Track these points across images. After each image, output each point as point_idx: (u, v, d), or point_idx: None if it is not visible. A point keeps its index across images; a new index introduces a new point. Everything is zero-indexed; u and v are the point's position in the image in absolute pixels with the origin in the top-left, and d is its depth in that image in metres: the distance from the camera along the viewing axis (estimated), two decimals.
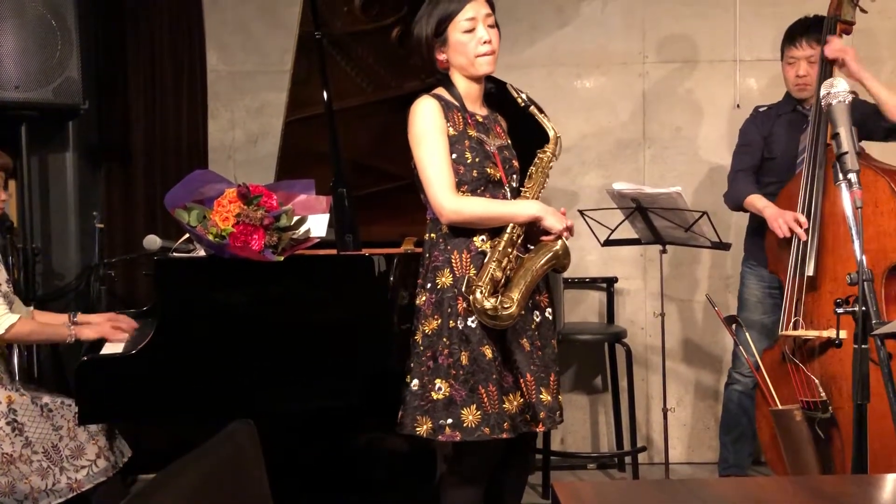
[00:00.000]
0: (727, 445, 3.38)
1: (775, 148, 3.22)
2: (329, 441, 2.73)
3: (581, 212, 3.40)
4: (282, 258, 2.46)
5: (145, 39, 3.90)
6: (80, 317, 2.81)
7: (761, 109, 3.32)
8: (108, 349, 2.65)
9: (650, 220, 3.31)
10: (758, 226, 3.22)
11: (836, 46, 2.92)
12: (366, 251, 2.54)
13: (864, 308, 1.93)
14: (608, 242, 3.45)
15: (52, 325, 2.75)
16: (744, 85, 3.96)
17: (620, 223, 3.39)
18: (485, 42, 2.31)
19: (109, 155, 3.94)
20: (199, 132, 3.96)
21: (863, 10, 3.03)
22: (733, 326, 3.14)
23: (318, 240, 2.56)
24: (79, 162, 3.83)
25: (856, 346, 1.94)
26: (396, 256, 2.56)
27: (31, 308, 2.88)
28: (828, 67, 2.97)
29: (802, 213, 2.88)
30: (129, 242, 3.81)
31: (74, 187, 3.80)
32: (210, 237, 2.44)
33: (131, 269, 3.81)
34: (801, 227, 2.85)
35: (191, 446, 1.28)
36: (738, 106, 3.89)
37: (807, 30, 3.11)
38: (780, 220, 2.92)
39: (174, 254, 2.76)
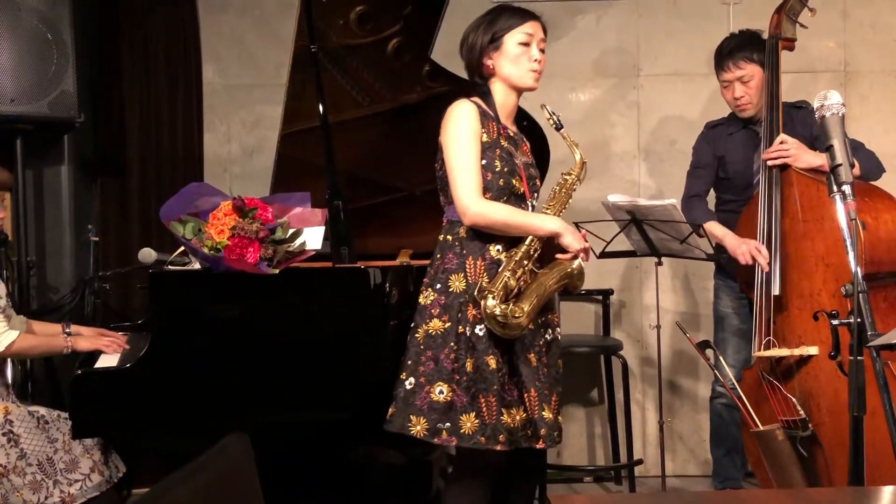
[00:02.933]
0: (719, 459, 3.37)
1: (730, 168, 3.21)
2: (324, 454, 2.72)
3: (576, 224, 3.39)
4: (277, 271, 2.45)
5: (141, 53, 3.91)
6: (73, 327, 2.81)
7: (712, 126, 3.31)
8: (102, 363, 2.64)
9: (645, 233, 3.31)
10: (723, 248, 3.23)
11: (773, 154, 2.87)
12: (361, 264, 2.54)
13: (859, 319, 1.94)
14: (604, 255, 3.46)
15: (49, 336, 2.75)
16: None
17: (616, 235, 3.39)
18: (535, 60, 2.40)
19: (105, 168, 3.94)
20: (194, 145, 3.97)
21: (803, 26, 3.05)
22: (707, 351, 3.13)
23: (314, 252, 2.56)
24: (74, 175, 3.82)
25: (851, 358, 1.94)
26: (391, 269, 2.56)
27: (24, 318, 2.86)
28: (775, 87, 2.96)
29: (763, 234, 2.88)
30: (124, 255, 3.81)
31: (69, 200, 3.80)
32: (205, 250, 2.43)
33: (126, 283, 3.80)
34: (762, 257, 2.85)
35: (185, 460, 1.27)
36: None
37: (731, 52, 3.10)
38: (744, 248, 2.91)
39: (169, 267, 2.76)
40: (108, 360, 2.65)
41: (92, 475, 2.59)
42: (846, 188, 2.00)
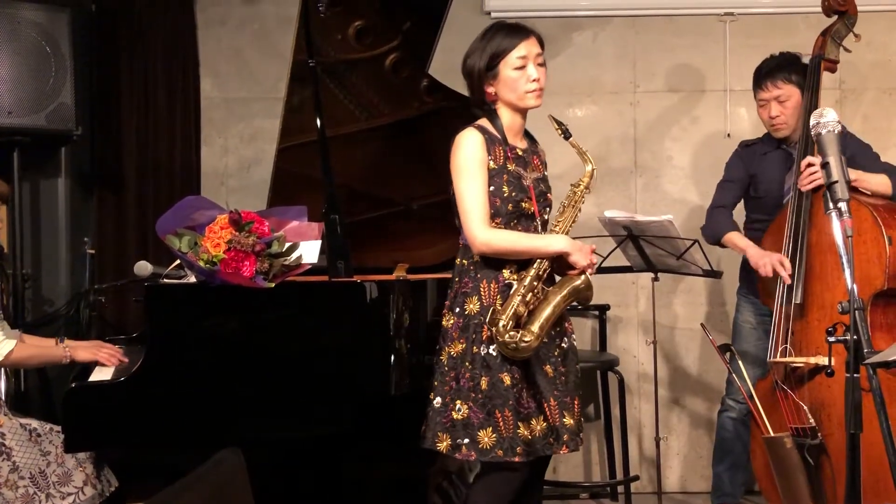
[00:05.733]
0: (720, 474, 3.35)
1: (761, 187, 3.21)
2: (319, 468, 2.71)
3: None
4: (273, 285, 2.45)
5: (139, 66, 3.92)
6: (68, 342, 2.79)
7: (747, 145, 3.32)
8: (96, 376, 2.63)
9: (642, 248, 3.32)
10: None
11: (806, 180, 2.87)
12: (357, 278, 2.54)
13: (856, 337, 1.94)
14: (600, 270, 3.45)
15: (47, 347, 2.74)
16: (734, 114, 4.00)
17: (612, 251, 3.40)
18: (534, 80, 2.41)
19: (101, 181, 3.94)
20: (191, 158, 3.97)
21: (847, 50, 3.07)
22: (727, 355, 3.13)
23: (310, 266, 2.55)
24: (71, 188, 3.82)
25: (848, 375, 1.94)
26: (388, 283, 2.55)
27: (19, 332, 2.85)
28: (814, 106, 2.97)
29: (790, 242, 2.89)
30: (121, 268, 3.80)
31: (66, 213, 3.80)
32: (201, 263, 2.43)
33: (122, 296, 3.79)
34: (785, 269, 2.85)
35: (179, 474, 1.27)
36: (728, 135, 3.92)
37: (770, 71, 3.12)
38: (765, 260, 2.92)
39: (165, 280, 2.75)
40: (102, 374, 2.64)
41: (85, 488, 2.57)
42: (842, 205, 2.01)
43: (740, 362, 3.08)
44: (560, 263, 2.44)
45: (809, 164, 2.87)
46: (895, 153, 3.89)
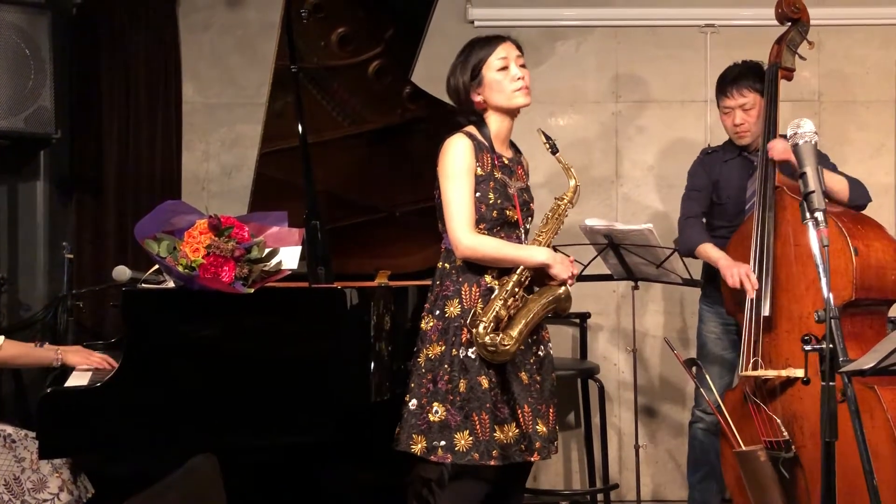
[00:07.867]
0: (695, 485, 3.36)
1: (723, 194, 3.23)
2: (298, 475, 2.69)
3: (554, 247, 3.41)
4: (252, 290, 2.44)
5: (120, 69, 3.90)
6: (48, 346, 2.76)
7: (709, 152, 3.34)
8: (72, 381, 2.60)
9: (622, 257, 3.33)
10: (713, 269, 3.24)
11: (780, 149, 2.91)
12: (338, 284, 2.53)
13: (831, 345, 1.95)
14: (581, 278, 3.46)
15: (38, 349, 2.71)
16: (715, 125, 4.02)
17: (593, 259, 3.41)
18: (518, 78, 2.46)
19: (81, 185, 3.91)
20: (172, 163, 3.95)
21: (801, 58, 3.11)
22: (693, 369, 3.14)
23: (290, 272, 2.54)
24: (49, 191, 3.79)
25: (823, 384, 1.95)
26: (369, 290, 2.55)
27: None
28: (773, 114, 3.00)
29: (755, 254, 2.90)
30: (99, 273, 3.77)
31: (44, 217, 3.77)
32: (180, 268, 2.41)
33: (100, 301, 3.76)
34: (751, 283, 2.86)
35: (153, 480, 1.26)
36: (709, 145, 3.95)
37: (735, 79, 3.14)
38: (735, 270, 2.93)
39: (143, 285, 2.73)
40: (78, 379, 2.61)
41: (61, 494, 2.54)
42: (819, 215, 2.02)
43: (707, 376, 3.09)
44: (538, 274, 2.47)
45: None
46: (871, 164, 3.95)
